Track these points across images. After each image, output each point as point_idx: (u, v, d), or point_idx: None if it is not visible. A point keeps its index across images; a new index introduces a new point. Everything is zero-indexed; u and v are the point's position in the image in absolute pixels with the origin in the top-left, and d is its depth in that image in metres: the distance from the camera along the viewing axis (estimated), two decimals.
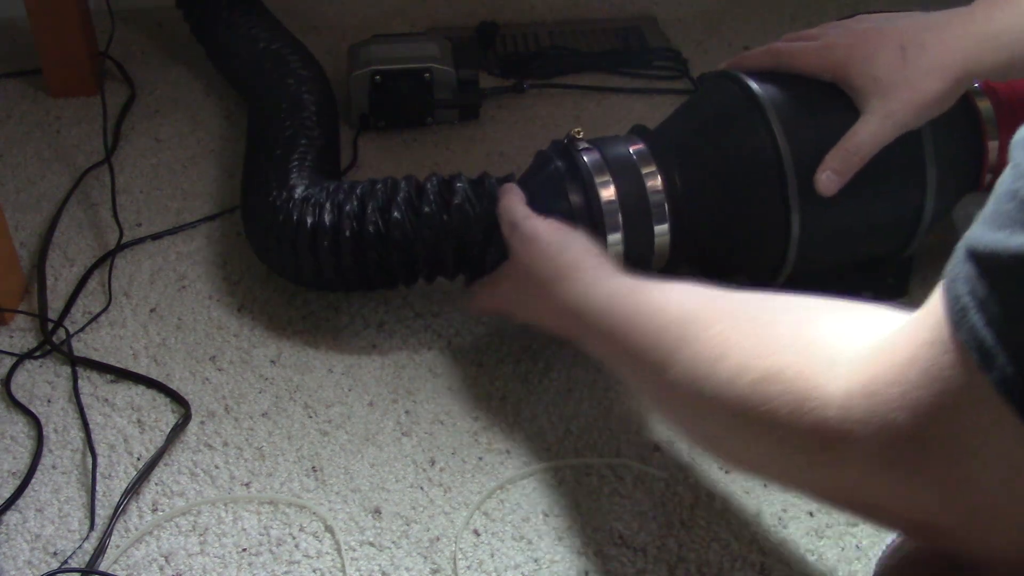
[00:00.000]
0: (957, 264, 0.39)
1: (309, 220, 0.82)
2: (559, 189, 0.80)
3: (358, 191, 0.83)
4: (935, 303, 0.40)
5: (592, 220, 0.78)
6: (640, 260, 0.80)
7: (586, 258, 0.72)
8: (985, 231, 0.37)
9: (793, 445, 0.47)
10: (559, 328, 0.74)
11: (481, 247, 0.82)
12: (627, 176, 0.79)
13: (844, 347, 0.46)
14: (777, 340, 0.50)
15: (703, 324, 0.55)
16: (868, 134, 0.76)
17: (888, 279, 0.89)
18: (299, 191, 0.85)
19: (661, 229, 0.80)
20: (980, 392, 0.37)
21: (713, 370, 0.52)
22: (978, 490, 0.40)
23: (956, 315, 0.38)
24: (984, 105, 0.85)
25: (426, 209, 0.81)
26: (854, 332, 0.47)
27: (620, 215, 0.78)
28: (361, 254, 0.81)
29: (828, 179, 0.77)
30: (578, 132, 0.82)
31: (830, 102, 0.79)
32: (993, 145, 0.86)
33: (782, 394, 0.47)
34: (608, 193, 0.78)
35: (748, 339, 0.52)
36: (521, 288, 0.76)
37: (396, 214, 0.81)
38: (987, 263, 0.37)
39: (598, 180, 0.79)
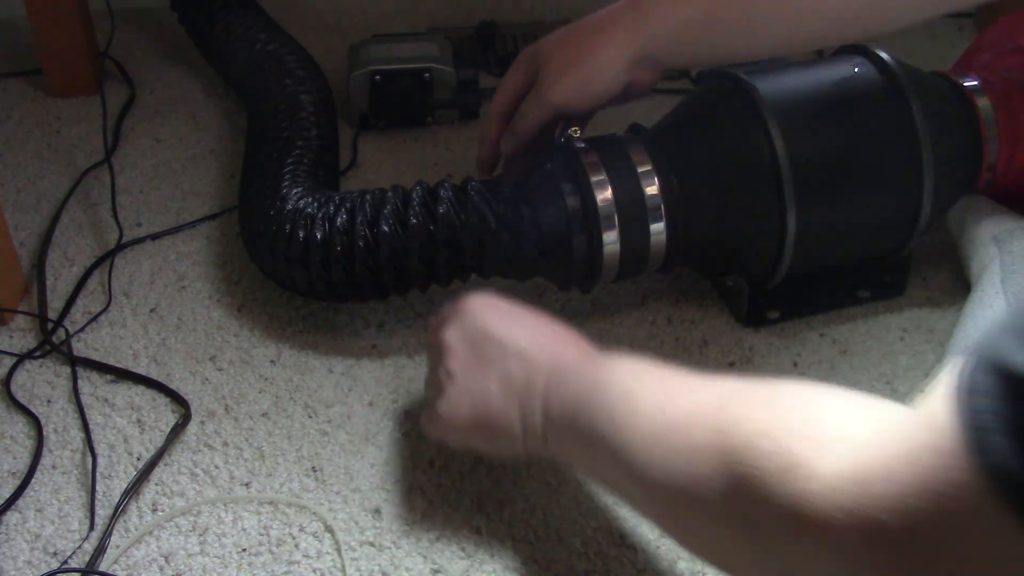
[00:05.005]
0: (977, 374, 0.35)
1: (301, 234, 0.81)
2: (555, 189, 0.79)
3: (347, 204, 0.81)
4: (941, 406, 0.37)
5: (588, 220, 0.78)
6: (636, 260, 0.80)
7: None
8: (1019, 348, 0.34)
9: (773, 517, 0.44)
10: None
11: (472, 253, 0.81)
12: (623, 175, 0.79)
13: (845, 429, 0.44)
14: (778, 407, 0.48)
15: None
16: (527, 108, 0.79)
17: (885, 278, 0.89)
18: (291, 202, 0.84)
19: (657, 228, 0.79)
20: (993, 518, 0.34)
21: (715, 418, 0.49)
22: None
23: (974, 432, 0.35)
24: (983, 103, 0.85)
25: (412, 221, 0.80)
26: (859, 417, 0.45)
27: (616, 215, 0.78)
28: (352, 269, 0.81)
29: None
30: (575, 131, 0.82)
31: (828, 102, 0.79)
32: (992, 145, 0.85)
33: (773, 454, 0.44)
34: (604, 193, 0.78)
35: (747, 398, 0.50)
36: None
37: (384, 227, 0.80)
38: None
39: (594, 180, 0.78)
